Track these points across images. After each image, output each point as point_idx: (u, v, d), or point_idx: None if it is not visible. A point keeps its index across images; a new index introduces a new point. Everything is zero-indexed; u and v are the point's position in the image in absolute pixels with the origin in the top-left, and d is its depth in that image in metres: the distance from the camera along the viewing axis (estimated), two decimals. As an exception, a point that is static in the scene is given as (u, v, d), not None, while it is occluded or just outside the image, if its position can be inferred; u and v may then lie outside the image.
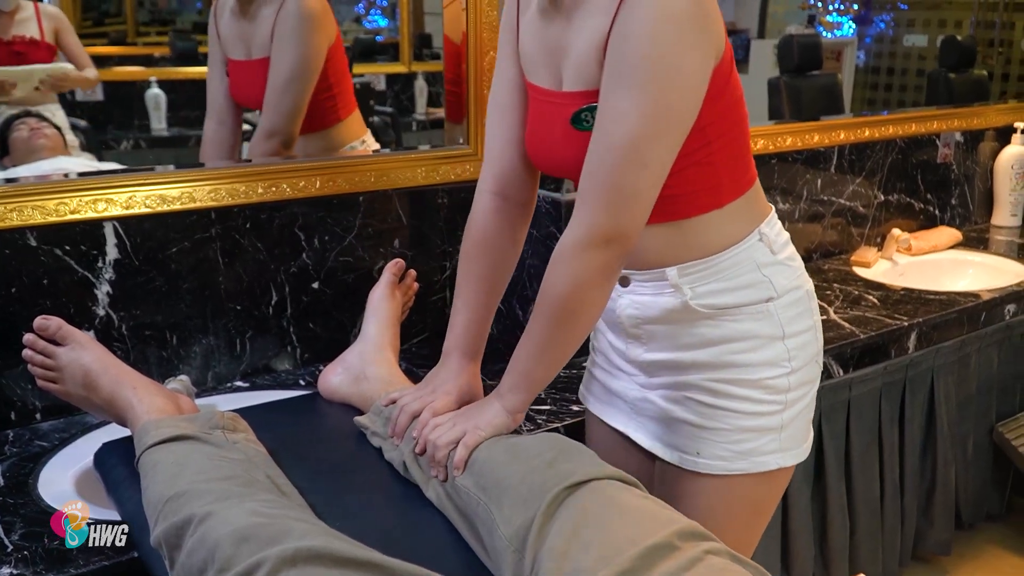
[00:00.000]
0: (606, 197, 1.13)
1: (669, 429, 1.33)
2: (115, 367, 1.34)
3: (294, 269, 1.78)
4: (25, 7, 2.07)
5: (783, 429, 1.28)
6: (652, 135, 1.11)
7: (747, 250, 1.25)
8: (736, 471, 1.27)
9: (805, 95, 3.47)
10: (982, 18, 4.00)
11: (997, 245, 2.88)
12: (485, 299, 1.36)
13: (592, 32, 1.15)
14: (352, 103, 2.07)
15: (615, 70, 1.11)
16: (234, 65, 1.96)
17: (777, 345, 1.25)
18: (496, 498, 1.10)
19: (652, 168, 1.12)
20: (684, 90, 1.11)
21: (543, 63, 1.24)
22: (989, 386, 2.43)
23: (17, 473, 1.40)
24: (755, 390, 1.26)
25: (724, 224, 1.24)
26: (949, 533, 2.42)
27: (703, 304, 1.25)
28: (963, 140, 2.96)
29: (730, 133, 1.22)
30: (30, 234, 1.51)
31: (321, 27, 1.92)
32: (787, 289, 1.27)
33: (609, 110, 1.11)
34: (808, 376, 1.30)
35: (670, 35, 1.08)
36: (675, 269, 1.24)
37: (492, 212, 1.35)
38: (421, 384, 1.38)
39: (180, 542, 1.01)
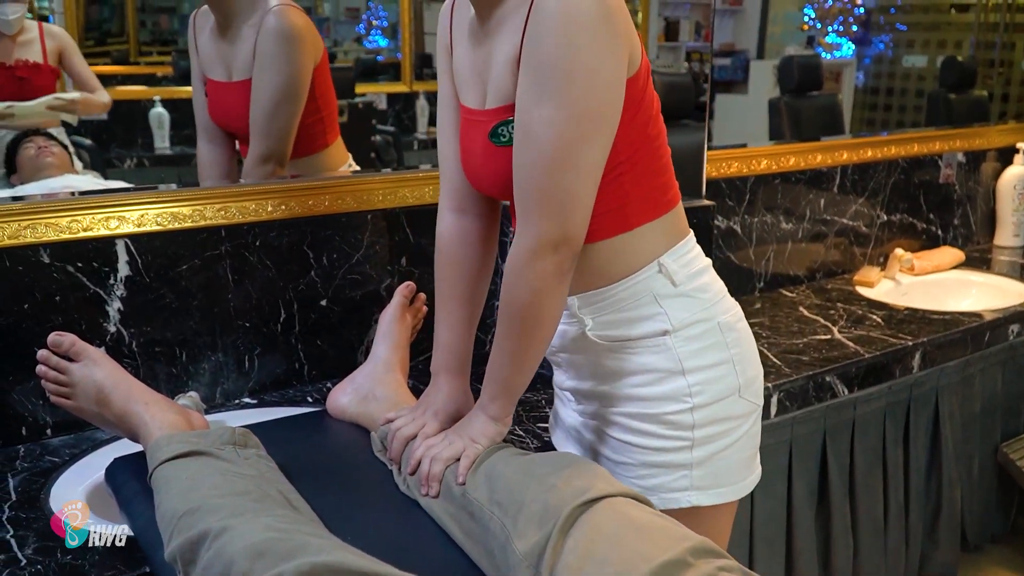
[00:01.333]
0: (545, 204, 1.13)
1: (593, 458, 1.34)
2: (127, 383, 1.35)
3: (302, 287, 1.79)
4: (29, 28, 2.05)
5: (696, 466, 1.25)
6: (579, 138, 1.11)
7: (645, 281, 1.24)
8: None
9: (805, 115, 3.50)
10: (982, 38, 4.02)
11: (1000, 265, 2.89)
12: (464, 315, 1.37)
13: (508, 49, 1.16)
14: (337, 128, 2.03)
15: (532, 80, 1.11)
16: (213, 86, 1.91)
17: (677, 380, 1.23)
18: (512, 514, 1.10)
19: (585, 170, 1.13)
20: (603, 90, 1.11)
21: (472, 84, 1.26)
22: (993, 406, 2.44)
23: (29, 488, 1.40)
24: (655, 425, 1.25)
25: (628, 251, 1.23)
26: (954, 554, 2.42)
27: (600, 335, 1.26)
28: (965, 160, 2.98)
29: (644, 152, 1.21)
30: (43, 251, 1.52)
31: (305, 45, 1.85)
32: (686, 322, 1.24)
33: (533, 120, 1.11)
34: (724, 412, 1.26)
35: (580, 38, 1.08)
36: (576, 298, 1.26)
37: (455, 229, 1.36)
38: (414, 407, 1.39)
39: (195, 557, 1.02)
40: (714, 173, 2.33)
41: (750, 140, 2.61)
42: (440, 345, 1.37)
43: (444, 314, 1.37)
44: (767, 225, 2.50)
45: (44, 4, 2.19)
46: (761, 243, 2.50)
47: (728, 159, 2.38)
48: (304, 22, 1.85)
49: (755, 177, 2.44)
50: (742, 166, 2.40)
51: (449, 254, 1.36)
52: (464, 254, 1.36)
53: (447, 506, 1.22)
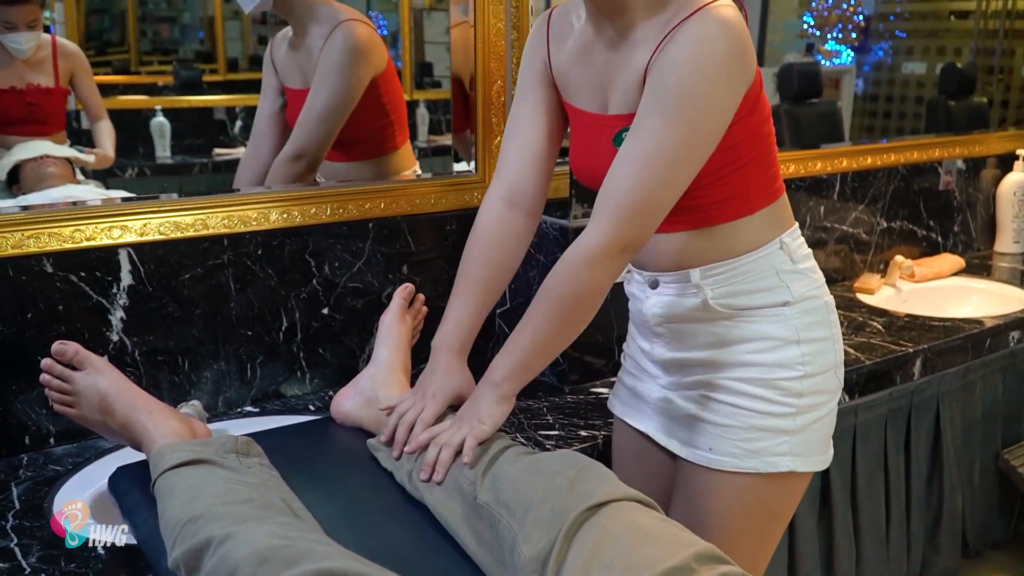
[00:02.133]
0: (632, 209, 1.20)
1: (686, 426, 1.39)
2: (130, 392, 1.36)
3: (304, 295, 1.80)
4: (43, 46, 2.04)
5: (796, 433, 1.32)
6: (683, 157, 1.19)
7: (767, 256, 1.32)
8: (747, 469, 1.33)
9: (805, 123, 3.50)
10: (982, 45, 4.03)
11: (1000, 272, 2.89)
12: (481, 300, 1.41)
13: (636, 62, 1.24)
14: (407, 132, 2.12)
15: (653, 94, 1.19)
16: (291, 93, 2.01)
17: (791, 348, 1.31)
18: (519, 516, 1.11)
19: (676, 187, 1.21)
20: (715, 121, 1.19)
21: (588, 89, 1.33)
22: (994, 413, 2.44)
23: (32, 497, 1.40)
24: (768, 390, 1.31)
25: (749, 230, 1.32)
26: (955, 560, 2.42)
27: (721, 304, 1.32)
28: (965, 167, 2.98)
29: (759, 149, 1.29)
30: (46, 260, 1.53)
31: (365, 59, 1.95)
32: (804, 296, 1.33)
33: (644, 129, 1.19)
34: (824, 385, 1.35)
35: (708, 71, 1.16)
36: (698, 271, 1.32)
37: (499, 218, 1.42)
38: (414, 389, 1.42)
39: (199, 564, 1.02)
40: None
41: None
42: (449, 321, 1.41)
43: (463, 293, 1.41)
44: (767, 232, 2.50)
45: (46, 15, 2.19)
46: (761, 250, 2.50)
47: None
48: (369, 36, 1.96)
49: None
50: (742, 173, 2.41)
51: (488, 240, 1.42)
52: (503, 244, 1.42)
53: (455, 508, 1.22)
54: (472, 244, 1.43)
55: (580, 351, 1.88)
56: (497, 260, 1.42)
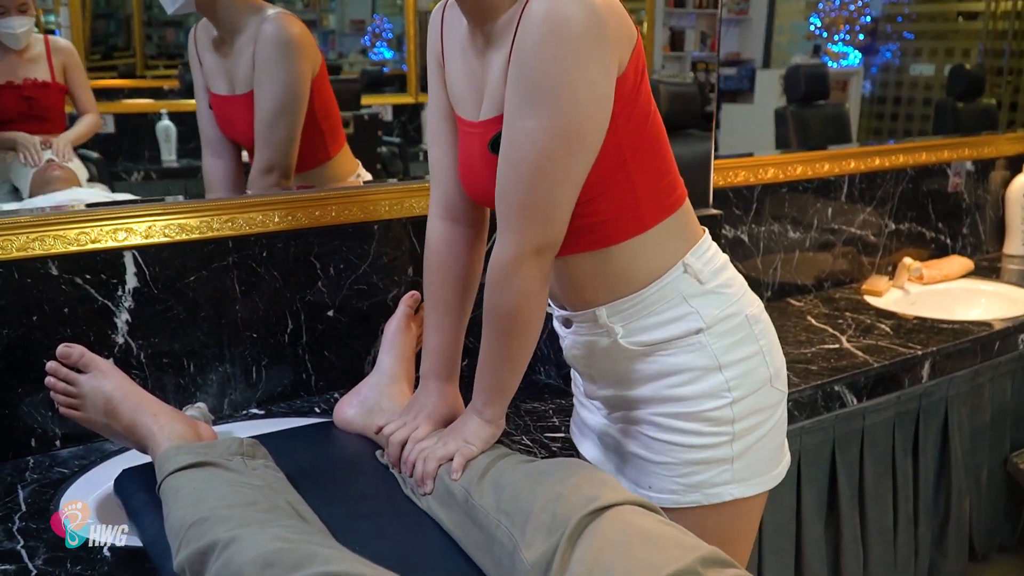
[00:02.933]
0: (527, 214, 1.16)
1: (626, 463, 1.36)
2: (135, 394, 1.35)
3: (309, 297, 1.80)
4: (35, 43, 2.05)
5: (736, 459, 1.27)
6: (563, 151, 1.13)
7: (672, 283, 1.25)
8: (688, 504, 1.28)
9: (812, 125, 3.50)
10: (990, 46, 4.01)
11: (1009, 274, 2.88)
12: (452, 322, 1.39)
13: (501, 60, 1.17)
14: (341, 137, 2.02)
15: (516, 90, 1.12)
16: (217, 100, 1.92)
17: (714, 376, 1.25)
18: (519, 523, 1.10)
19: (568, 181, 1.15)
20: (588, 103, 1.12)
21: (467, 96, 1.27)
22: (1003, 416, 2.43)
23: (38, 499, 1.40)
24: (696, 423, 1.26)
25: (649, 252, 1.25)
26: (962, 564, 2.40)
27: (633, 342, 1.27)
28: (974, 169, 2.97)
29: (646, 150, 1.22)
30: (51, 263, 1.53)
31: (302, 53, 1.84)
32: (718, 319, 1.26)
33: (517, 130, 1.13)
34: (760, 403, 1.29)
35: (564, 50, 1.08)
36: (604, 309, 1.27)
37: (444, 237, 1.38)
38: (404, 410, 1.42)
39: (204, 567, 1.02)
40: (721, 182, 2.33)
41: (756, 150, 2.61)
42: (429, 350, 1.40)
43: (434, 320, 1.40)
44: (774, 234, 2.50)
45: (51, 19, 2.20)
46: (768, 252, 2.50)
47: (735, 168, 2.38)
48: (300, 30, 1.85)
49: (762, 186, 2.44)
50: (749, 175, 2.40)
51: (439, 262, 1.38)
52: (454, 261, 1.38)
53: (452, 515, 1.22)
54: (428, 270, 1.40)
55: (586, 353, 1.88)
56: (453, 277, 1.38)
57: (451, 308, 1.38)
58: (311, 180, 1.95)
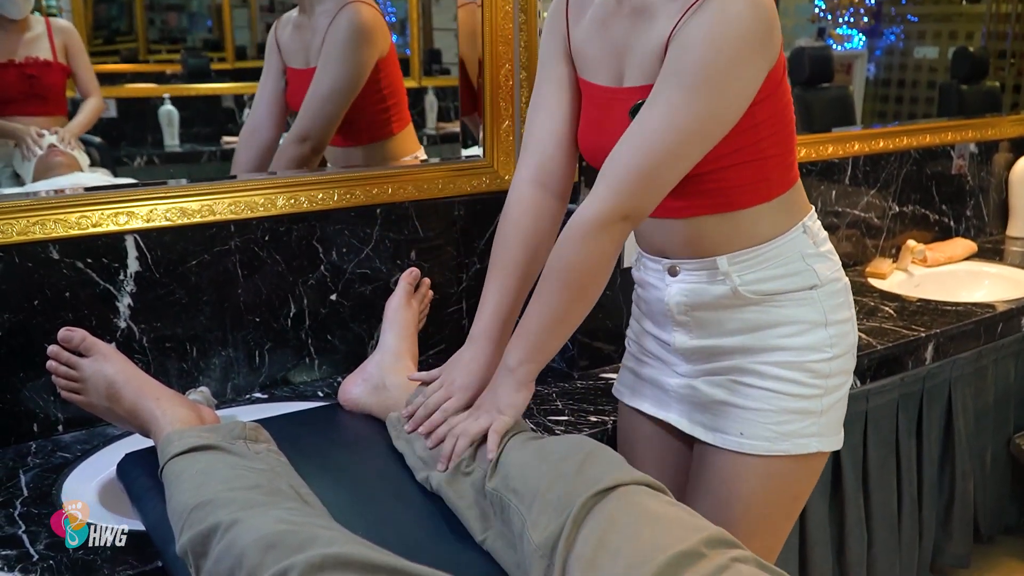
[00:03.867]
0: (637, 180, 1.18)
1: (711, 412, 1.37)
2: (138, 378, 1.35)
3: (312, 281, 1.79)
4: (36, 23, 2.05)
5: (823, 414, 1.33)
6: (696, 134, 1.16)
7: (792, 241, 1.31)
8: (778, 452, 1.32)
9: (816, 107, 3.48)
10: (994, 29, 3.99)
11: (1013, 256, 2.87)
12: (518, 286, 1.38)
13: (657, 32, 1.20)
14: (406, 117, 2.10)
15: (674, 66, 1.16)
16: (293, 73, 1.99)
17: (820, 331, 1.31)
18: (527, 502, 1.11)
19: (686, 163, 1.19)
20: (735, 99, 1.17)
21: (604, 63, 1.30)
22: (1007, 398, 2.42)
23: (41, 484, 1.40)
24: (800, 372, 1.31)
25: (771, 216, 1.30)
26: (967, 546, 2.41)
27: (751, 290, 1.30)
28: (977, 151, 2.96)
29: (780, 132, 1.27)
30: (52, 247, 1.52)
31: (370, 41, 1.94)
32: (829, 279, 1.33)
33: (660, 100, 1.16)
34: (846, 365, 1.36)
35: (732, 47, 1.13)
36: (725, 258, 1.30)
37: (531, 201, 1.39)
38: (443, 369, 1.41)
39: (206, 550, 1.02)
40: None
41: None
42: (486, 309, 1.39)
43: (498, 280, 1.39)
44: (778, 217, 2.49)
45: (52, 3, 2.18)
46: (772, 235, 2.49)
47: (738, 151, 2.37)
48: (374, 19, 1.94)
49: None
50: (752, 158, 2.39)
51: (521, 224, 1.39)
52: (535, 227, 1.39)
53: (459, 491, 1.22)
54: (504, 228, 1.40)
55: (589, 337, 1.87)
56: (530, 243, 1.38)
57: (519, 271, 1.38)
58: (374, 153, 2.03)
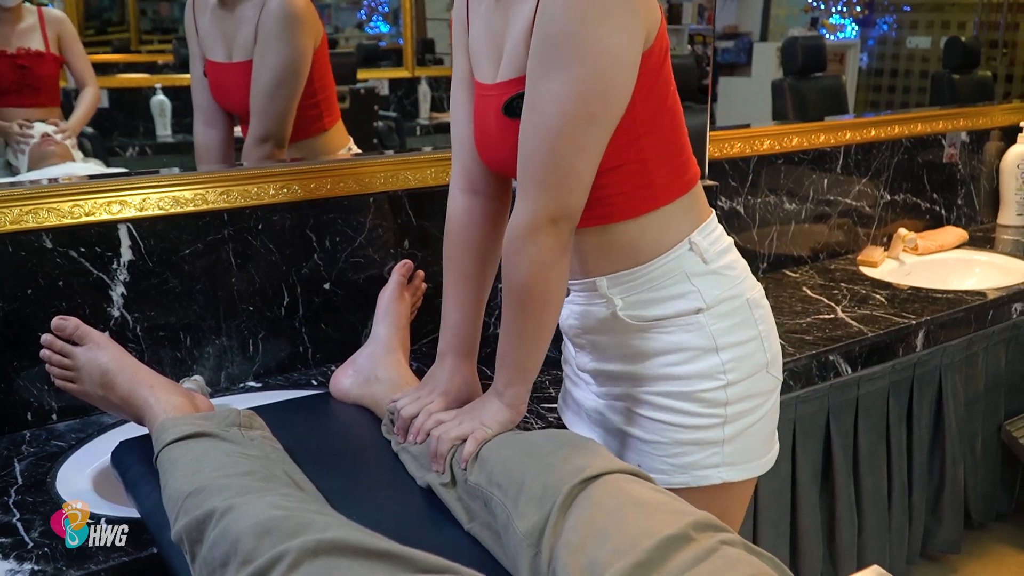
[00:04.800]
0: (547, 180, 1.12)
1: (615, 440, 1.34)
2: (132, 366, 1.36)
3: (305, 270, 1.80)
4: (29, 13, 2.04)
5: (727, 442, 1.25)
6: (587, 116, 1.10)
7: (676, 260, 1.23)
8: (676, 485, 1.25)
9: (809, 97, 3.49)
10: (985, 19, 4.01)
11: (1003, 244, 2.89)
12: (473, 297, 1.35)
13: (522, 19, 1.14)
14: (336, 111, 2.03)
15: (542, 52, 1.10)
16: (213, 67, 1.92)
17: (710, 357, 1.23)
18: (512, 495, 1.10)
19: (588, 148, 1.12)
20: (614, 69, 1.10)
21: (486, 57, 1.24)
22: (997, 384, 2.44)
23: (35, 472, 1.41)
24: (689, 403, 1.24)
25: (655, 230, 1.22)
26: (958, 532, 2.42)
27: (631, 315, 1.25)
28: (969, 140, 2.97)
29: (662, 129, 1.20)
30: (45, 236, 1.53)
31: (306, 27, 1.85)
32: (719, 299, 1.24)
33: (541, 93, 1.10)
34: (754, 388, 1.27)
35: (594, 14, 1.07)
36: (605, 279, 1.25)
37: (466, 209, 1.34)
38: (419, 385, 1.38)
39: (201, 536, 1.02)
40: (716, 153, 2.32)
41: (754, 122, 2.61)
42: (448, 326, 1.36)
43: (453, 294, 1.35)
44: (770, 206, 2.50)
45: (46, -7, 2.18)
46: (764, 224, 2.50)
47: (731, 139, 2.37)
48: (305, 4, 1.86)
49: (758, 157, 2.43)
50: (745, 146, 2.40)
51: (460, 235, 1.35)
52: (475, 235, 1.34)
53: (448, 489, 1.22)
54: (449, 243, 1.36)
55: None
56: (477, 250, 1.34)
57: (472, 283, 1.35)
58: (305, 151, 1.95)
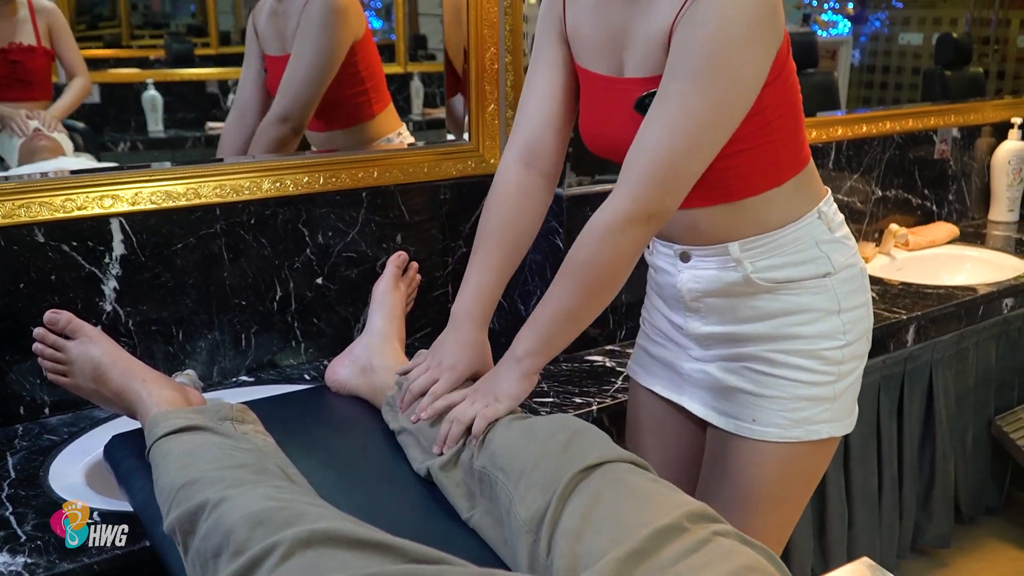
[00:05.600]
0: (659, 176, 1.16)
1: (724, 398, 1.37)
2: (124, 360, 1.36)
3: (298, 265, 1.80)
4: (19, 6, 2.03)
5: (835, 400, 1.33)
6: (714, 123, 1.15)
7: (807, 227, 1.29)
8: (791, 439, 1.32)
9: (801, 92, 3.49)
10: (977, 15, 4.01)
11: (994, 240, 2.90)
12: (501, 264, 1.37)
13: (659, 19, 1.17)
14: (386, 97, 2.10)
15: (683, 55, 1.13)
16: (270, 61, 1.99)
17: (833, 319, 1.30)
18: (514, 479, 1.12)
19: (706, 154, 1.17)
20: (748, 82, 1.15)
21: (602, 49, 1.27)
22: (987, 379, 2.45)
23: (28, 466, 1.41)
24: (812, 360, 1.31)
25: (784, 202, 1.28)
26: (948, 526, 2.44)
27: (763, 278, 1.29)
28: (960, 136, 2.98)
29: (787, 114, 1.26)
30: (38, 230, 1.53)
31: (344, 21, 1.93)
32: (844, 265, 1.32)
33: (673, 93, 1.14)
34: (860, 350, 1.35)
35: (740, 29, 1.11)
36: (737, 244, 1.29)
37: (518, 181, 1.37)
38: (429, 354, 1.38)
39: (194, 527, 1.02)
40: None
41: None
42: (469, 286, 1.37)
43: (482, 259, 1.37)
44: (762, 201, 2.50)
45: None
46: (756, 219, 2.50)
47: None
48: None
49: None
50: (736, 142, 2.40)
51: (508, 203, 1.37)
52: (523, 206, 1.37)
53: (448, 471, 1.23)
54: (490, 206, 1.38)
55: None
56: (516, 223, 1.37)
57: (504, 251, 1.36)
58: (355, 135, 2.04)
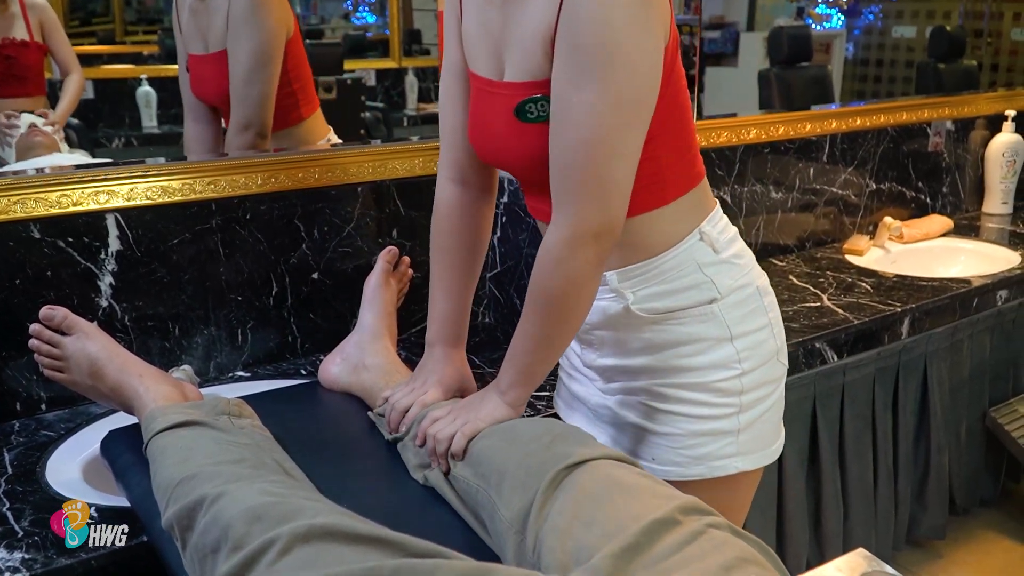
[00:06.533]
0: (589, 192, 1.10)
1: (625, 434, 1.33)
2: (120, 356, 1.36)
3: (294, 260, 1.80)
4: (11, 2, 2.02)
5: (741, 432, 1.25)
6: (624, 124, 1.09)
7: (687, 250, 1.22)
8: (692, 477, 1.25)
9: (795, 87, 3.50)
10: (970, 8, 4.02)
11: (988, 232, 2.91)
12: (461, 286, 1.35)
13: (536, 21, 1.11)
14: (314, 100, 2.03)
15: (571, 60, 1.08)
16: (193, 60, 1.92)
17: (725, 347, 1.23)
18: (496, 484, 1.11)
19: (627, 155, 1.11)
20: (645, 74, 1.09)
21: (484, 50, 1.21)
22: (982, 371, 2.46)
23: (25, 462, 1.41)
24: (705, 393, 1.24)
25: (666, 223, 1.22)
26: (943, 518, 2.44)
27: (644, 308, 1.23)
28: (954, 129, 2.98)
29: (673, 125, 1.19)
30: (33, 226, 1.52)
31: (275, 12, 1.86)
32: (732, 288, 1.24)
33: (575, 104, 1.08)
34: (767, 375, 1.28)
35: (622, 19, 1.05)
36: (615, 274, 1.23)
37: (454, 200, 1.34)
38: (411, 378, 1.38)
39: (192, 523, 1.03)
40: (703, 143, 2.33)
41: (740, 112, 2.62)
42: (436, 316, 1.36)
43: (441, 284, 1.35)
44: (757, 195, 2.51)
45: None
46: (751, 213, 2.51)
47: (718, 128, 2.38)
48: None
49: (744, 147, 2.44)
50: (732, 135, 2.41)
51: (448, 225, 1.34)
52: (464, 225, 1.34)
53: (440, 480, 1.23)
54: (437, 233, 1.35)
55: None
56: (463, 242, 1.34)
57: (459, 272, 1.34)
58: (283, 140, 1.96)
